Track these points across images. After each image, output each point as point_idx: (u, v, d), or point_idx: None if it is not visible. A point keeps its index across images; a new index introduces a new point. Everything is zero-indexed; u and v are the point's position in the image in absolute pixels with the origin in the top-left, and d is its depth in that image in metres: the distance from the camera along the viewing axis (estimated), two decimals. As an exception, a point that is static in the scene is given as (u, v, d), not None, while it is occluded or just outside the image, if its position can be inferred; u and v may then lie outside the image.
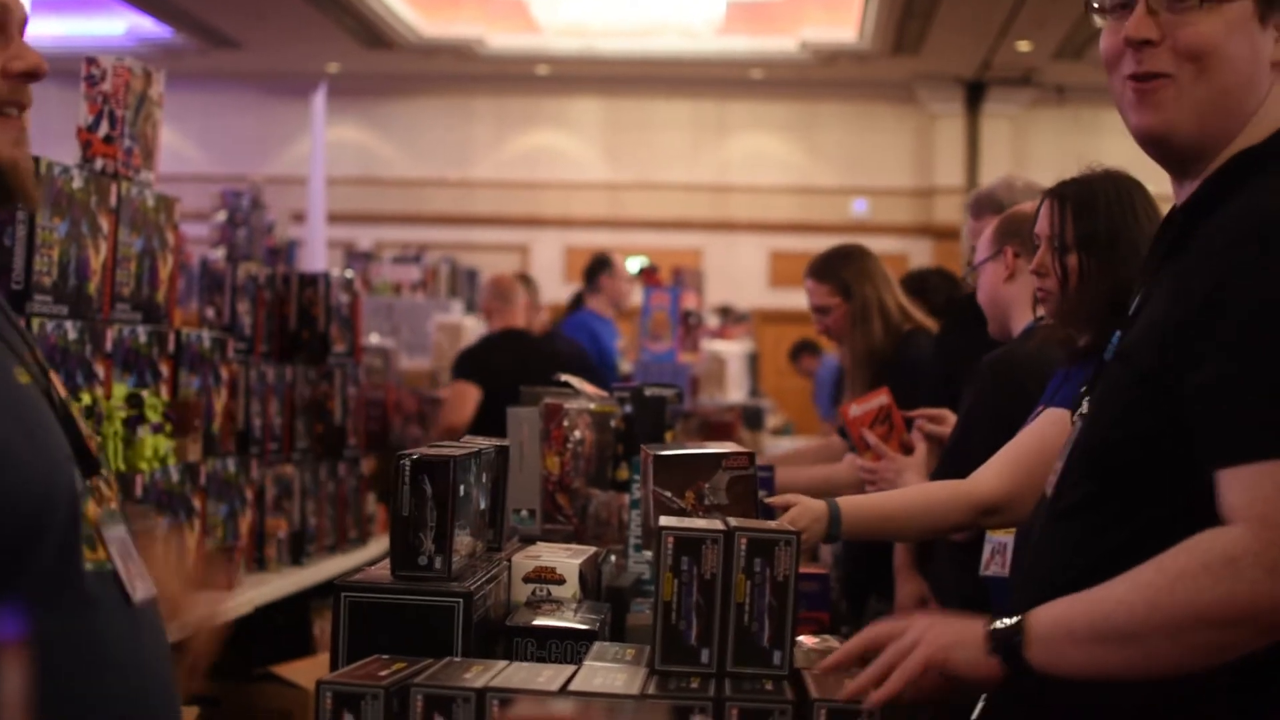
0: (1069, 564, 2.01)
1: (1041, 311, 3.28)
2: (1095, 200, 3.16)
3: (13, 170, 1.82)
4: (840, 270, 4.99)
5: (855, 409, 4.12)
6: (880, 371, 4.80)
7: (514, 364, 7.23)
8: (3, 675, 0.65)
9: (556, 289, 16.57)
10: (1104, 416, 2.04)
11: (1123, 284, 2.80)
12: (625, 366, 9.41)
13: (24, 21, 1.92)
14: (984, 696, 2.29)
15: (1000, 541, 3.39)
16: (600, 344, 9.12)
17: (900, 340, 4.89)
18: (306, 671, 4.80)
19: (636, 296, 9.83)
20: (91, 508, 1.84)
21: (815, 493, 2.92)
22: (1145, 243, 2.89)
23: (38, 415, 1.80)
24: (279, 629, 5.25)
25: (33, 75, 1.85)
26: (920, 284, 5.50)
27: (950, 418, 4.02)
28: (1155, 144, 2.05)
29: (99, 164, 3.93)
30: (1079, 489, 2.01)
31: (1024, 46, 17.75)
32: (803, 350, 15.25)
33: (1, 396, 1.74)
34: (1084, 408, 2.19)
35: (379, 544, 5.98)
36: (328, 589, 3.54)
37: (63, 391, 1.92)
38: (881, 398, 4.14)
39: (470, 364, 7.70)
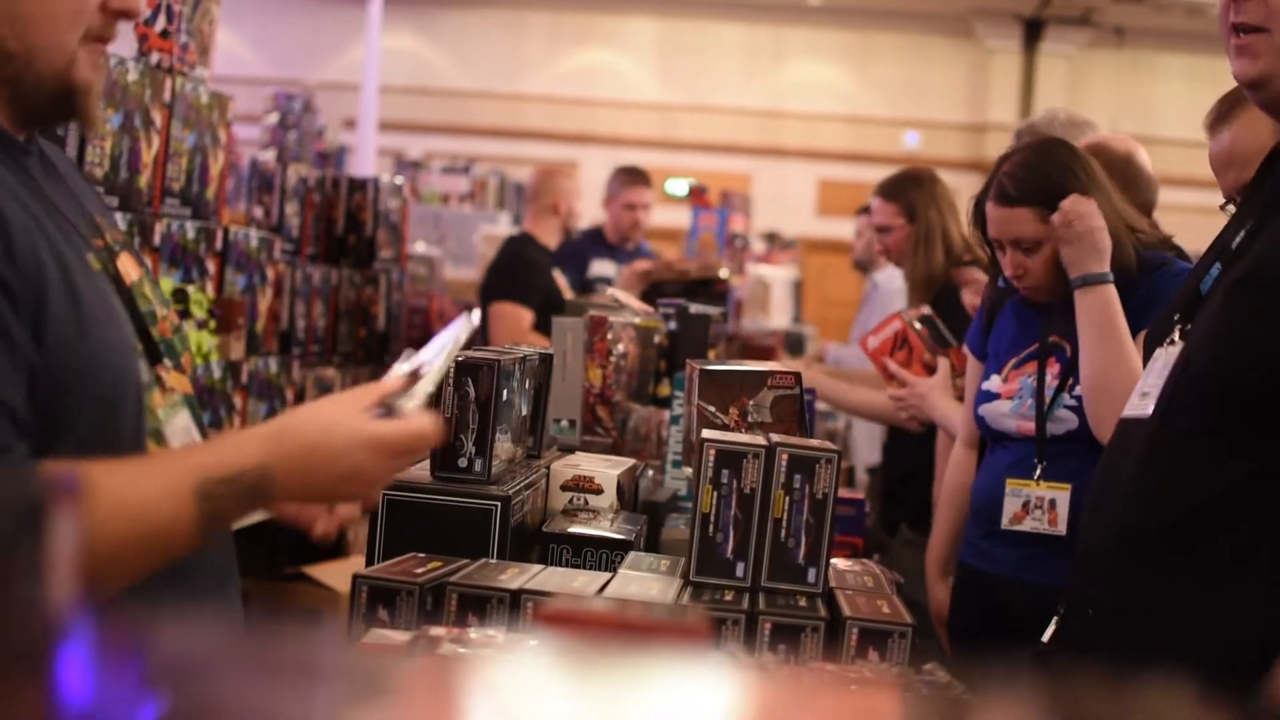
0: (1192, 487, 2.04)
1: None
2: (1048, 181, 3.22)
3: (86, 93, 1.83)
4: (908, 191, 4.98)
5: (872, 340, 4.10)
6: (936, 299, 4.78)
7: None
8: (55, 529, 0.66)
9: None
10: (1230, 341, 2.06)
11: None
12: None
13: None
14: (1055, 620, 2.31)
15: (1041, 496, 3.22)
16: None
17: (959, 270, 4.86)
18: (338, 572, 4.82)
19: (684, 217, 9.75)
20: (156, 398, 1.85)
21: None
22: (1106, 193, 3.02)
23: (108, 303, 1.81)
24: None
25: (126, 15, 1.86)
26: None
27: None
28: (1254, 90, 2.11)
29: (155, 58, 3.92)
30: (1198, 414, 2.01)
31: (1085, -16, 17.59)
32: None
33: (84, 281, 1.75)
34: (1175, 335, 2.21)
35: (417, 450, 5.99)
36: (365, 490, 3.55)
37: (135, 274, 1.91)
38: (895, 323, 4.11)
39: None
